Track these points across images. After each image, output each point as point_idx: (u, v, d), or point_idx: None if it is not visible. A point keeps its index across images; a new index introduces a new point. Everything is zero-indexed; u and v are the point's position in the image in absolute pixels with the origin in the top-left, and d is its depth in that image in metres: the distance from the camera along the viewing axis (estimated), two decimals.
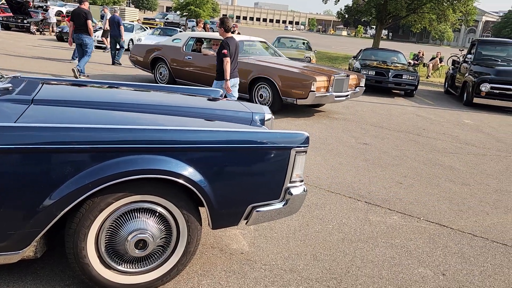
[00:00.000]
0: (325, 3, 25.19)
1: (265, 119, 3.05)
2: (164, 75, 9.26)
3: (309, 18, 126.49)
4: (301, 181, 2.61)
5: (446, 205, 4.11)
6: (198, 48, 8.97)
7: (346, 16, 25.27)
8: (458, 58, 13.59)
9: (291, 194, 2.54)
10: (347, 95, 7.82)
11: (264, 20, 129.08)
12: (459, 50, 16.78)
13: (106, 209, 2.11)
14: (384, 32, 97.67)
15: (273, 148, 2.43)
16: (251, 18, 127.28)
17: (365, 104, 9.78)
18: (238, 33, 13.85)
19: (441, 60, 17.64)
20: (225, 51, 5.68)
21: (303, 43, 16.30)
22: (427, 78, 16.59)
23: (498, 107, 10.59)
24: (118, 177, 2.02)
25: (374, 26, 23.50)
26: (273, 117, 3.15)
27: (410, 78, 11.47)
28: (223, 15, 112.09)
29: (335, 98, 7.55)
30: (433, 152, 6.07)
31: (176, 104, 3.13)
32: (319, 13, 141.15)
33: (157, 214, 2.26)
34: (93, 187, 2.00)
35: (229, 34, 5.90)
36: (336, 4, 25.34)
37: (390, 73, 11.33)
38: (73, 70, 8.85)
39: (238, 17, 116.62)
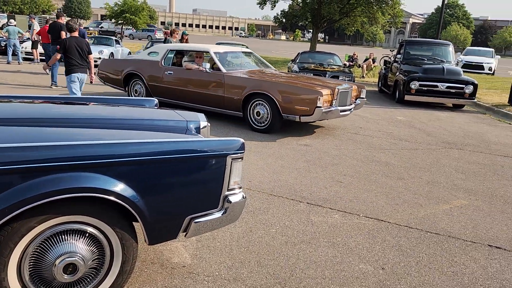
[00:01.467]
0: (261, 9, 25.61)
1: (201, 127, 2.99)
2: (140, 93, 8.30)
3: (248, 24, 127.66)
4: (240, 188, 2.58)
5: (383, 200, 4.27)
6: (178, 62, 8.04)
7: (284, 20, 25.79)
8: (389, 58, 14.30)
9: (230, 202, 2.50)
10: (351, 109, 7.17)
11: (204, 26, 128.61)
12: (390, 50, 17.67)
13: (28, 234, 1.96)
14: (321, 35, 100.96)
15: (208, 156, 2.38)
16: (190, 25, 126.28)
17: None
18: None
19: (374, 60, 18.50)
20: (57, 47, 6.85)
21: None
22: (362, 78, 17.31)
23: (426, 103, 11.24)
24: (39, 198, 1.88)
25: (311, 30, 24.18)
26: (209, 124, 3.10)
27: (346, 79, 11.88)
28: (161, 22, 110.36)
29: (340, 113, 6.82)
30: (370, 149, 6.30)
31: (108, 116, 2.99)
32: (258, 18, 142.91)
33: (88, 234, 2.12)
34: (10, 212, 1.83)
35: (74, 34, 6.79)
36: (272, 9, 25.80)
37: (327, 75, 11.66)
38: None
39: (177, 24, 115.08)
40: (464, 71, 14.86)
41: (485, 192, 4.68)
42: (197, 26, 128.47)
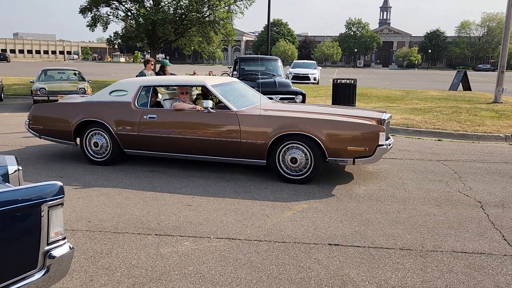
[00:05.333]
0: (92, 31, 24.15)
1: (9, 172, 2.52)
2: (102, 146, 6.27)
3: (81, 47, 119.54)
4: (64, 238, 2.22)
5: (233, 217, 4.28)
6: (154, 102, 6.48)
7: (120, 41, 24.78)
8: (228, 74, 14.93)
9: (53, 257, 2.13)
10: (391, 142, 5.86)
11: (29, 51, 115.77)
12: (228, 67, 18.53)
13: None
14: (162, 55, 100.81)
15: (16, 209, 1.99)
16: (12, 51, 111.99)
17: None
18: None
19: None
20: None
21: (74, 74, 15.21)
22: None
23: None
24: None
25: (149, 51, 23.78)
26: (21, 168, 2.63)
27: None
28: None
29: (388, 148, 5.50)
30: (216, 166, 6.33)
31: None
32: (92, 40, 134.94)
33: None
34: None
35: None
36: (105, 31, 24.63)
37: None
38: None
39: None
40: (293, 83, 16.42)
41: (322, 193, 5.09)
42: (21, 51, 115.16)
